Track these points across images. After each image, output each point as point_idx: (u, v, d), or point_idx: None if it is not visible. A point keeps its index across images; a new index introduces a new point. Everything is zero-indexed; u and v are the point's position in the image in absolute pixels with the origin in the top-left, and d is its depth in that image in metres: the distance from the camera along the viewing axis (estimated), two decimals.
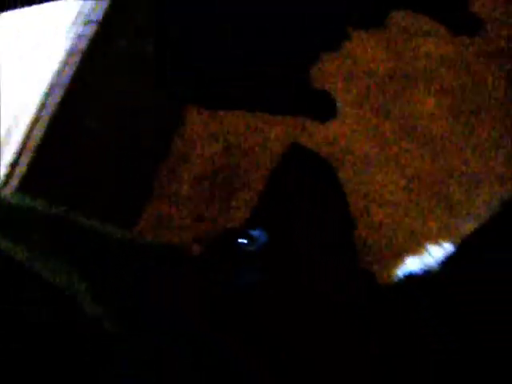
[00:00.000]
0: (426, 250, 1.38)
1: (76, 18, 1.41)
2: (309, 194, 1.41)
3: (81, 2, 1.41)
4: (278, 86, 1.53)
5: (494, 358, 1.11)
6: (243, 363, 1.10)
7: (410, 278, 1.30)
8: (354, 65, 1.60)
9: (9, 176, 1.36)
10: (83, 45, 1.41)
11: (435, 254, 1.37)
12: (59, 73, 1.39)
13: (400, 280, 1.30)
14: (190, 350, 1.11)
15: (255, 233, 1.28)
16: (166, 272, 1.23)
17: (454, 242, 1.40)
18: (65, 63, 1.39)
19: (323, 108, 1.57)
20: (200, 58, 1.61)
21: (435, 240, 1.40)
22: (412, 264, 1.35)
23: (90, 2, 1.39)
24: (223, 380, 1.11)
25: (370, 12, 1.54)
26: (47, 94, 1.38)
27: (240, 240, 1.26)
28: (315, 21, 1.49)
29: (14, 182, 1.36)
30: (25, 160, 1.37)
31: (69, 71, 1.39)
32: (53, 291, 1.15)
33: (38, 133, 1.39)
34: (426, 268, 1.32)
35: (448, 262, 1.32)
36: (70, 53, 1.40)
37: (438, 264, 1.32)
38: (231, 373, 1.10)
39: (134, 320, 1.09)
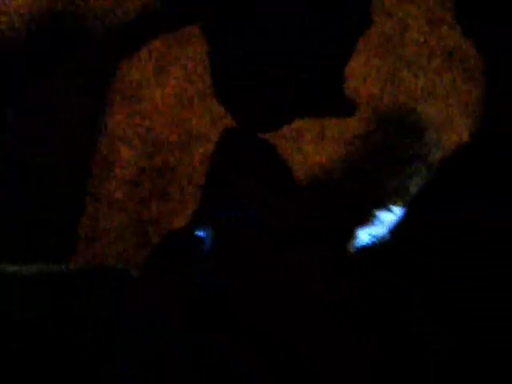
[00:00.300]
0: (377, 218, 1.33)
1: None
2: (253, 176, 1.36)
3: None
4: (278, 86, 1.53)
5: (493, 354, 1.11)
6: (243, 363, 1.10)
7: (363, 251, 1.27)
8: None
9: None
10: None
11: (386, 220, 1.32)
12: None
13: (354, 255, 1.27)
14: (189, 350, 1.11)
15: (201, 233, 1.23)
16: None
17: (404, 204, 1.35)
18: None
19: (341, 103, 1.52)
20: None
21: (386, 204, 1.36)
22: (363, 235, 1.31)
23: None
24: (223, 380, 1.11)
25: (370, 12, 1.54)
26: None
27: (187, 244, 1.22)
28: (315, 21, 1.49)
29: None
30: None
31: None
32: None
33: None
34: (378, 237, 1.29)
35: (399, 227, 1.29)
36: None
37: (390, 230, 1.29)
38: (231, 373, 1.11)
39: (112, 331, 1.08)
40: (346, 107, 1.50)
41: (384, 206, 1.35)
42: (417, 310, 1.15)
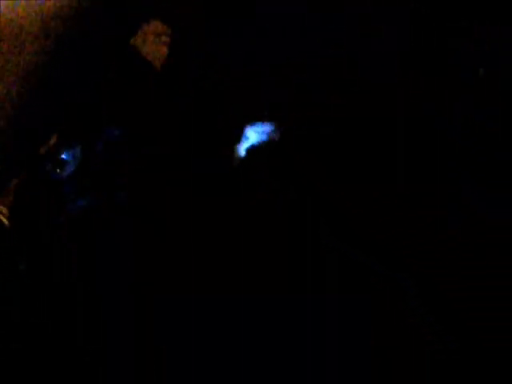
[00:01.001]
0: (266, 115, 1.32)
1: None
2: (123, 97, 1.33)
3: None
4: (278, 86, 1.53)
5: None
6: None
7: (252, 151, 1.25)
8: None
9: None
10: None
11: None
12: None
13: (243, 158, 1.25)
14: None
15: (65, 156, 1.21)
16: None
17: None
18: None
19: None
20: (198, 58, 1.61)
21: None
22: (252, 135, 1.29)
23: None
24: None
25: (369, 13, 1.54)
26: None
27: (47, 166, 1.20)
28: (315, 21, 1.49)
29: None
30: None
31: None
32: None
33: None
34: (267, 134, 1.28)
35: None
36: None
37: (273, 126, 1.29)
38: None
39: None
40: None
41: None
42: (412, 301, 1.15)
